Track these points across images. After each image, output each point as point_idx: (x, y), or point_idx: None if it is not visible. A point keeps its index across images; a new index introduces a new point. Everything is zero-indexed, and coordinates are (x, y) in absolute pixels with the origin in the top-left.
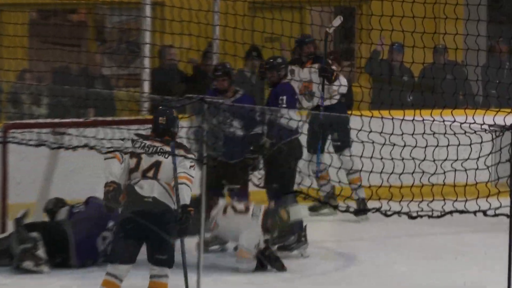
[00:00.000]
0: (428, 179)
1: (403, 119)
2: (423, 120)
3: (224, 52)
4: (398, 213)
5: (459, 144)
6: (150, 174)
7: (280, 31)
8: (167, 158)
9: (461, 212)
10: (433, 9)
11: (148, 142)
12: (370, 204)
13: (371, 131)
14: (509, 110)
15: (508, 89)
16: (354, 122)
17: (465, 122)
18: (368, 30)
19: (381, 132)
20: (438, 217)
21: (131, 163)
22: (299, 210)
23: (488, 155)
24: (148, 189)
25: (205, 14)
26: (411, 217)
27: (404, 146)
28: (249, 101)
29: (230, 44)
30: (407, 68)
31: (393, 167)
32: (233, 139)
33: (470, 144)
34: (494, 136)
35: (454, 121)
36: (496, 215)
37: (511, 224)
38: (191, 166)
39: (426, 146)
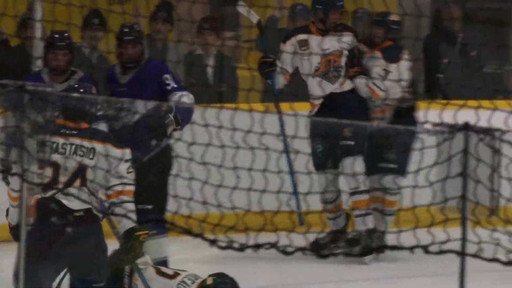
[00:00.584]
0: (347, 202)
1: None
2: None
3: (53, 19)
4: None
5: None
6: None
7: None
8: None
9: (393, 248)
10: None
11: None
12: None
13: (264, 133)
14: (461, 102)
15: (462, 72)
16: (240, 119)
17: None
18: None
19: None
20: (360, 255)
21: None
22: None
23: (432, 167)
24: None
25: None
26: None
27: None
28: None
29: (62, 8)
30: None
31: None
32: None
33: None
34: (440, 141)
35: (383, 118)
36: (442, 252)
37: (462, 265)
38: (128, 172)
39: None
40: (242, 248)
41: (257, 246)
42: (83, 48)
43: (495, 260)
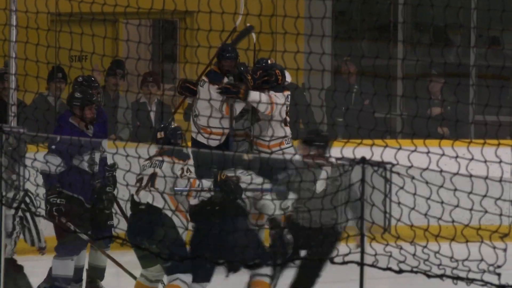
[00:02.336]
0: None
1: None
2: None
3: (24, 74)
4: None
5: (300, 181)
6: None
7: (91, 48)
8: (161, 168)
9: (304, 259)
10: (270, 22)
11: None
12: None
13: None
14: (358, 141)
15: (358, 116)
16: None
17: (308, 155)
18: (194, 47)
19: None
20: (279, 265)
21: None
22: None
23: (335, 193)
24: (143, 197)
25: (2, 28)
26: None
27: None
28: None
29: (32, 64)
30: None
31: None
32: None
33: (314, 181)
34: (341, 172)
35: (295, 154)
36: (345, 262)
37: (361, 273)
38: (181, 175)
39: None
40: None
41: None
42: (48, 97)
43: (388, 269)
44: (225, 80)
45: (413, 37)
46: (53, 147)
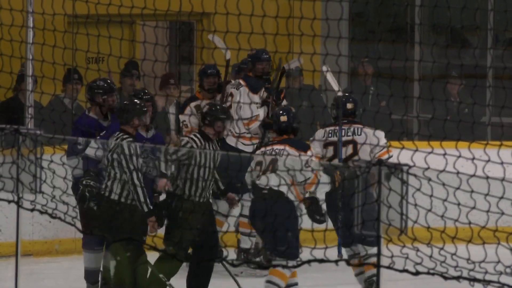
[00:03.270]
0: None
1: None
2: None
3: (41, 75)
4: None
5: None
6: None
7: (107, 49)
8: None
9: (321, 261)
10: (287, 24)
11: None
12: None
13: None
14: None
15: (375, 118)
16: None
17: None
18: (210, 49)
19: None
20: (295, 266)
21: None
22: None
23: (353, 194)
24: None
25: (19, 30)
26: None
27: None
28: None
29: (48, 66)
30: None
31: None
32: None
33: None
34: (359, 173)
35: (312, 156)
36: (361, 264)
37: (378, 275)
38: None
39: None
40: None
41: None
42: (65, 99)
43: (405, 271)
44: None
45: (430, 39)
46: (79, 148)
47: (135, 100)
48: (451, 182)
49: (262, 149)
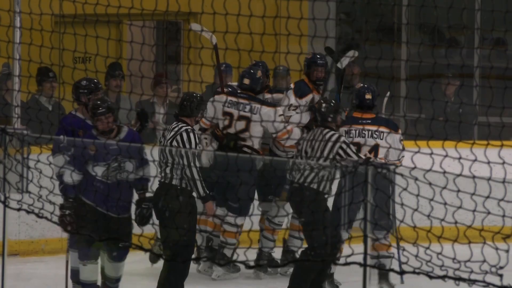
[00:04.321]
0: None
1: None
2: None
3: (29, 75)
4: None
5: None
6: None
7: (94, 49)
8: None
9: (307, 260)
10: (274, 24)
11: None
12: None
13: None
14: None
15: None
16: None
17: (309, 157)
18: (197, 48)
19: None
20: (276, 266)
21: None
22: None
23: (339, 194)
24: None
25: (6, 30)
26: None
27: None
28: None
29: (36, 66)
30: None
31: None
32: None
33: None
34: (345, 173)
35: (300, 156)
36: (347, 263)
37: (364, 275)
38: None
39: (266, 184)
40: (185, 260)
41: (198, 259)
42: (40, 98)
43: (391, 270)
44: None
45: (417, 39)
46: (64, 149)
47: None
48: (437, 182)
49: (346, 128)
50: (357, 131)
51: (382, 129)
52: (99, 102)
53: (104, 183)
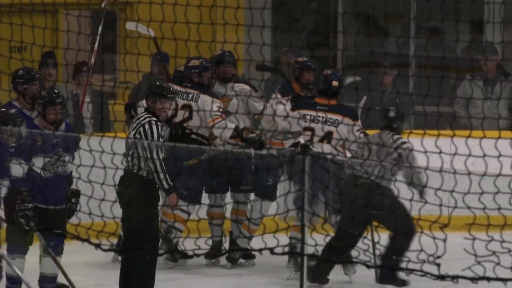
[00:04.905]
0: (197, 212)
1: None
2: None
3: None
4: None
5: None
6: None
7: (31, 39)
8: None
9: (245, 250)
10: (210, 13)
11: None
12: None
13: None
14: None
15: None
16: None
17: (246, 146)
18: (134, 38)
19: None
20: (215, 256)
21: None
22: None
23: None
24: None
25: None
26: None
27: None
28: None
29: None
30: None
31: None
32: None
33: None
34: (282, 163)
35: (236, 145)
36: (285, 253)
37: (302, 264)
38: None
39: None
40: (122, 251)
41: (135, 249)
42: None
43: (329, 259)
44: None
45: (353, 28)
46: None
47: None
48: (375, 172)
49: (310, 112)
50: (312, 117)
51: (337, 117)
52: (55, 92)
53: (40, 175)
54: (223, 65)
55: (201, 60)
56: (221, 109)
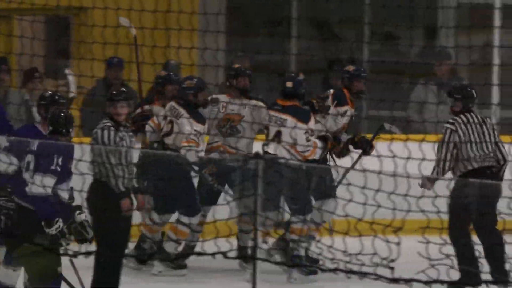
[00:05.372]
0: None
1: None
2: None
3: None
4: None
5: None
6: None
7: None
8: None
9: (199, 254)
10: (165, 19)
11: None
12: None
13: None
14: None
15: (252, 111)
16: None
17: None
18: (88, 43)
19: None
20: (171, 260)
21: None
22: None
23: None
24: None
25: None
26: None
27: None
28: None
29: None
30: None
31: None
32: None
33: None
34: (236, 167)
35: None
36: (238, 257)
37: (254, 268)
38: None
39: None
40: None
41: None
42: None
43: (281, 263)
44: None
45: (308, 33)
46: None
47: None
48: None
49: (271, 112)
50: (269, 117)
51: (286, 117)
52: (59, 94)
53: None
54: (243, 77)
55: (195, 80)
56: (194, 132)
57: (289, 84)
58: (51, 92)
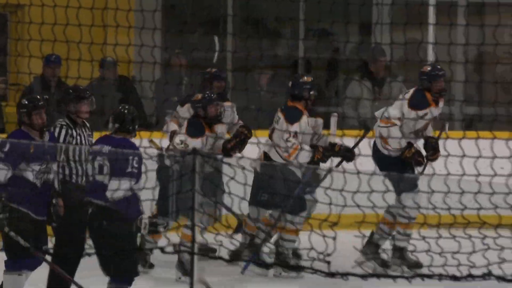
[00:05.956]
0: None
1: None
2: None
3: None
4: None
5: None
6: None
7: None
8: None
9: (139, 250)
10: (103, 16)
11: None
12: None
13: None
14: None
15: (189, 108)
16: None
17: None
18: (25, 40)
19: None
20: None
21: None
22: None
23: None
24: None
25: None
26: None
27: None
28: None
29: None
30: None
31: None
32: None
33: (146, 173)
34: (172, 163)
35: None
36: (176, 252)
37: (192, 263)
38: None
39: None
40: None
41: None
42: None
43: (219, 258)
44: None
45: (243, 30)
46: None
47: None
48: (265, 171)
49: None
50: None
51: (281, 115)
52: (36, 97)
53: (34, 185)
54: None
55: (203, 94)
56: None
57: (289, 85)
58: (27, 100)
